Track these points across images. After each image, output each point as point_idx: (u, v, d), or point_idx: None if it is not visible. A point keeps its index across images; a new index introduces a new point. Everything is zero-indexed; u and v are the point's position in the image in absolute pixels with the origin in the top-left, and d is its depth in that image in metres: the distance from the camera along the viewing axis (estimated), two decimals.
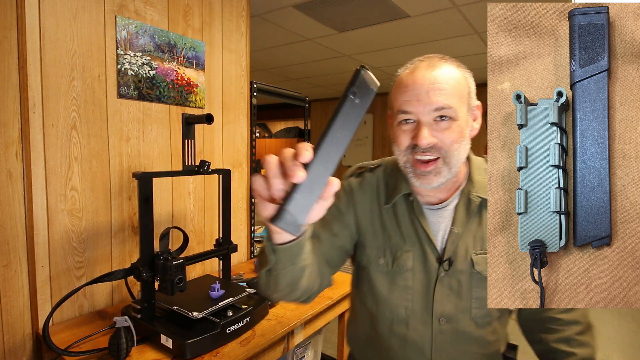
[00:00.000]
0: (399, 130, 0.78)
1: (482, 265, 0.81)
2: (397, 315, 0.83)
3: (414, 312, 0.82)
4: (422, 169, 0.76)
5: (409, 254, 0.83)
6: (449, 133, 0.75)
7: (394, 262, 0.83)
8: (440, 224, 0.84)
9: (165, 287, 1.17)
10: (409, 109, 0.75)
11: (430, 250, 0.82)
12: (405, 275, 0.82)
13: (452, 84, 0.75)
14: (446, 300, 0.81)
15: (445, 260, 0.81)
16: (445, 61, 0.78)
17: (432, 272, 0.82)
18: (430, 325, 0.81)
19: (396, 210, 0.86)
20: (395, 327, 0.83)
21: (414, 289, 0.82)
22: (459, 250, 0.82)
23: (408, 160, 0.78)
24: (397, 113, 0.77)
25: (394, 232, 0.85)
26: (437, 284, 0.81)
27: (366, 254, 0.87)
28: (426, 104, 0.74)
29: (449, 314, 0.81)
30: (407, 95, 0.75)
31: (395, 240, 0.84)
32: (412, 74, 0.76)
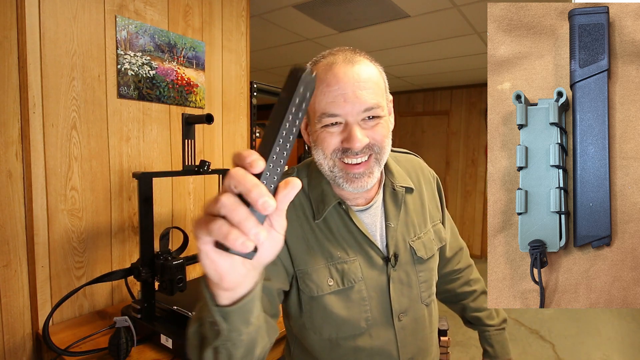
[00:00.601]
0: (324, 133, 0.71)
1: (421, 250, 0.83)
2: (359, 330, 0.77)
3: (375, 320, 0.78)
4: (355, 170, 0.71)
5: (355, 264, 0.77)
6: (379, 129, 0.71)
7: (343, 279, 0.76)
8: (375, 222, 0.82)
9: (165, 287, 1.17)
10: (337, 112, 0.68)
11: (374, 253, 0.79)
12: (359, 287, 0.77)
13: (374, 80, 0.71)
14: (401, 295, 0.80)
15: (390, 257, 0.79)
16: (360, 55, 0.73)
17: (382, 273, 0.79)
18: (392, 326, 0.79)
19: (328, 223, 0.78)
20: (359, 342, 0.78)
21: (370, 297, 0.78)
22: (399, 243, 0.81)
23: (335, 164, 0.72)
24: (322, 117, 0.69)
25: (334, 247, 0.77)
26: (390, 283, 0.79)
27: (312, 282, 0.75)
28: (355, 104, 0.68)
29: (406, 308, 0.81)
30: (332, 96, 0.68)
31: (337, 255, 0.77)
32: (332, 71, 0.69)
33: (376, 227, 0.81)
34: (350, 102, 0.68)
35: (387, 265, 0.79)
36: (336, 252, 0.77)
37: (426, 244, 0.85)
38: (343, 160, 0.71)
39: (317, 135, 0.72)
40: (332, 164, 0.72)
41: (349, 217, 0.78)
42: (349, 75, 0.69)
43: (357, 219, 0.78)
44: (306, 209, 0.79)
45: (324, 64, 0.72)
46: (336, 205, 0.78)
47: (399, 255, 0.81)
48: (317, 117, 0.70)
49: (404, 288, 0.81)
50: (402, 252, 0.81)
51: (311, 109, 0.73)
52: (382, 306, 0.79)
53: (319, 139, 0.72)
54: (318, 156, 0.73)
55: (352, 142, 0.68)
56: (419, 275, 0.83)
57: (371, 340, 0.78)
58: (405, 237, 0.82)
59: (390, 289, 0.79)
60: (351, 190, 0.74)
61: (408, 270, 0.82)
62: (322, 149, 0.72)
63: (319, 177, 0.79)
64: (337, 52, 0.73)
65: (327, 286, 0.75)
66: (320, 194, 0.79)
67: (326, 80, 0.69)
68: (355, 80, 0.69)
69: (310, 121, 0.74)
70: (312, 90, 0.37)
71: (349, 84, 0.68)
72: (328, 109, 0.69)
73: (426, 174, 0.92)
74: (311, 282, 0.76)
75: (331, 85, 0.68)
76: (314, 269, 0.76)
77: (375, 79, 0.72)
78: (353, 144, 0.68)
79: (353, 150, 0.69)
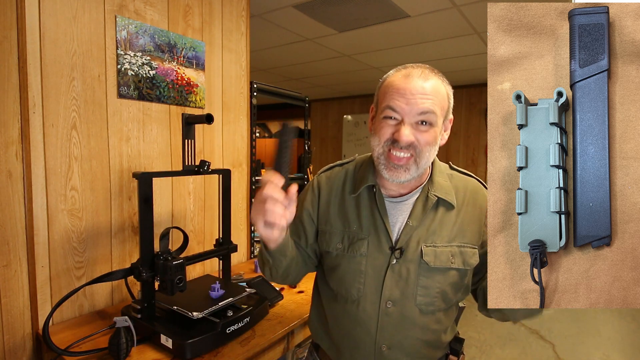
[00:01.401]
0: (383, 123, 0.85)
1: (430, 256, 0.88)
2: (350, 296, 0.91)
3: (365, 295, 0.89)
4: (396, 162, 0.84)
5: (364, 242, 0.91)
6: (425, 135, 0.84)
7: (350, 247, 0.92)
8: (399, 216, 0.92)
9: (165, 287, 1.17)
10: (397, 108, 0.83)
11: (385, 239, 0.90)
12: (359, 260, 0.90)
13: (438, 96, 0.85)
14: (394, 285, 0.88)
15: (397, 249, 0.89)
16: (435, 74, 0.87)
17: (384, 259, 0.89)
18: (378, 307, 0.89)
19: (359, 201, 0.94)
20: (348, 306, 0.92)
21: (367, 273, 0.90)
22: (411, 242, 0.89)
23: (384, 152, 0.86)
24: (385, 108, 0.85)
25: (354, 221, 0.93)
26: (387, 271, 0.89)
27: (326, 240, 0.96)
28: (413, 107, 0.82)
29: (396, 298, 0.88)
30: (398, 96, 0.83)
31: (353, 228, 0.93)
32: (406, 79, 0.84)
33: (397, 220, 0.92)
34: (410, 105, 0.82)
35: (392, 255, 0.89)
36: (353, 225, 0.93)
37: (438, 255, 0.89)
38: (390, 151, 0.85)
39: (377, 124, 0.87)
40: (382, 151, 0.86)
41: (376, 202, 0.92)
42: (417, 86, 0.83)
43: (382, 207, 0.91)
44: (348, 184, 0.98)
45: (403, 73, 0.86)
46: (370, 188, 0.94)
47: (406, 252, 0.89)
48: (382, 107, 0.86)
49: (400, 281, 0.88)
50: (411, 251, 0.89)
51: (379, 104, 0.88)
52: (375, 286, 0.89)
53: (377, 127, 0.87)
54: (374, 142, 0.88)
55: (400, 136, 0.82)
56: (420, 279, 0.88)
57: (357, 311, 0.91)
58: (420, 240, 0.89)
59: (386, 275, 0.89)
60: (387, 177, 0.86)
61: (410, 268, 0.88)
62: (378, 136, 0.86)
63: (369, 164, 0.96)
64: (417, 67, 0.87)
65: (334, 247, 0.94)
66: (362, 176, 0.96)
67: (398, 85, 0.84)
68: (422, 92, 0.83)
69: (376, 114, 0.90)
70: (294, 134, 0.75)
71: (415, 93, 0.83)
72: (391, 103, 0.84)
73: (479, 199, 0.96)
74: (324, 239, 0.97)
75: (400, 90, 0.84)
76: (331, 231, 0.96)
77: (439, 95, 0.85)
78: (400, 138, 0.82)
79: (399, 144, 0.83)
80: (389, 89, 0.86)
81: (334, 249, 0.94)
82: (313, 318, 1.07)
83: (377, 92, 0.91)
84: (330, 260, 0.95)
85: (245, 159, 2.02)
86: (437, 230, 0.90)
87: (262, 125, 7.65)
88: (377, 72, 4.39)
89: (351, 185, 0.97)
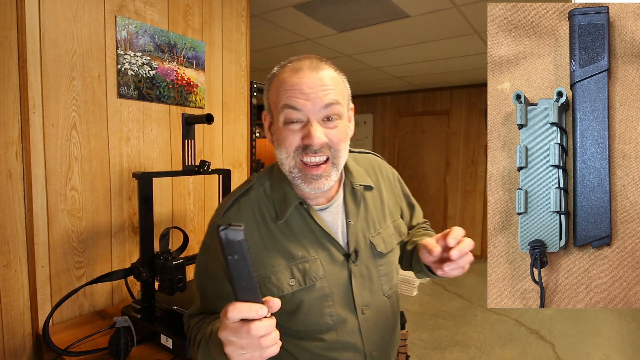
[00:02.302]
0: (287, 130, 0.74)
1: (381, 245, 0.86)
2: (325, 326, 0.80)
3: (339, 316, 0.81)
4: (314, 172, 0.74)
5: (317, 262, 0.80)
6: (337, 132, 0.75)
7: (305, 278, 0.79)
8: (337, 221, 0.85)
9: (165, 287, 1.17)
10: (298, 106, 0.72)
11: (335, 250, 0.82)
12: (320, 285, 0.79)
13: (337, 85, 0.76)
14: (362, 289, 0.84)
15: (351, 253, 0.83)
16: (325, 63, 0.78)
17: (343, 269, 0.82)
18: (357, 319, 0.83)
19: (290, 224, 0.81)
20: (326, 337, 0.81)
21: (333, 293, 0.80)
22: (359, 239, 0.85)
23: (296, 164, 0.75)
24: (283, 109, 0.74)
25: (295, 248, 0.80)
26: (352, 279, 0.82)
27: (272, 284, 0.78)
28: (316, 102, 0.72)
29: (368, 301, 0.84)
30: (295, 93, 0.73)
31: (298, 256, 0.79)
32: (297, 74, 0.74)
33: (337, 225, 0.84)
34: (311, 100, 0.72)
35: (348, 261, 0.82)
36: (297, 252, 0.79)
37: (386, 239, 0.88)
38: (302, 160, 0.74)
39: (280, 133, 0.76)
40: (293, 164, 0.75)
41: (310, 216, 0.81)
42: (312, 78, 0.73)
43: (318, 218, 0.81)
44: (267, 211, 0.82)
45: (290, 68, 0.76)
46: (298, 206, 0.81)
47: (360, 251, 0.84)
48: (279, 109, 0.74)
49: (365, 282, 0.84)
50: (363, 248, 0.85)
51: (274, 107, 0.76)
52: (346, 301, 0.82)
53: (281, 137, 0.75)
54: (281, 155, 0.77)
55: (311, 138, 0.72)
56: (379, 269, 0.87)
57: (337, 335, 0.81)
58: (365, 233, 0.86)
59: (352, 284, 0.82)
60: (309, 191, 0.77)
61: (369, 264, 0.85)
62: (284, 147, 0.75)
63: (281, 179, 0.82)
64: (304, 58, 0.77)
65: (288, 286, 0.78)
66: (282, 196, 0.81)
67: (290, 81, 0.74)
68: (318, 83, 0.73)
69: (274, 119, 0.78)
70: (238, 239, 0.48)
71: (312, 86, 0.73)
72: (290, 102, 0.73)
73: (385, 172, 0.96)
74: (271, 285, 0.78)
75: (295, 85, 0.73)
76: (274, 272, 0.78)
77: (337, 84, 0.76)
78: (312, 140, 0.72)
79: (312, 148, 0.73)
80: (281, 88, 0.74)
81: (288, 289, 0.78)
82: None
83: (267, 95, 0.80)
84: (286, 303, 0.78)
85: (245, 159, 2.02)
86: (373, 217, 0.88)
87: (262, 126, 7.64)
88: (377, 72, 4.39)
89: (272, 210, 0.81)
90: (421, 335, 3.04)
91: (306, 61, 0.76)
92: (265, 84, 0.81)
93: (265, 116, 0.83)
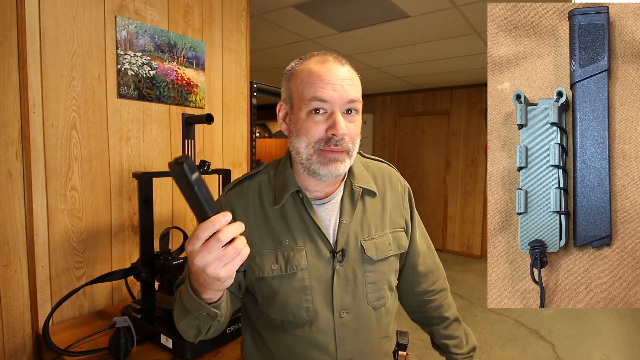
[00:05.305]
0: (310, 121, 0.75)
1: (372, 250, 0.85)
2: (300, 319, 0.80)
3: (316, 312, 0.80)
4: (331, 155, 0.76)
5: (302, 254, 0.81)
6: (354, 127, 0.78)
7: (287, 265, 0.80)
8: (331, 217, 0.85)
9: (165, 287, 1.17)
10: (326, 98, 0.74)
11: (323, 245, 0.82)
12: (301, 276, 0.80)
13: (357, 82, 0.79)
14: (344, 291, 0.82)
15: (338, 251, 0.82)
16: (346, 60, 0.81)
17: (328, 265, 0.82)
18: (333, 321, 0.81)
19: (285, 211, 0.83)
20: (299, 331, 0.81)
21: (312, 287, 0.80)
22: (350, 240, 0.84)
23: (315, 152, 0.76)
24: (311, 100, 0.75)
25: (284, 235, 0.82)
26: (334, 277, 0.81)
27: (256, 264, 0.81)
28: (342, 94, 0.75)
29: (348, 305, 0.82)
30: (324, 84, 0.74)
31: (285, 243, 0.81)
32: (324, 66, 0.76)
33: (330, 222, 0.85)
34: (338, 92, 0.74)
35: (334, 259, 0.82)
36: (285, 239, 0.82)
37: (379, 246, 0.86)
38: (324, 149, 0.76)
39: (302, 124, 0.76)
40: (312, 152, 0.76)
41: (304, 207, 0.82)
42: (339, 72, 0.76)
43: (312, 210, 0.82)
44: (265, 196, 0.85)
45: (316, 60, 0.78)
46: (295, 195, 0.83)
47: (348, 252, 0.83)
48: (306, 101, 0.75)
49: (348, 285, 0.83)
50: (352, 250, 0.83)
51: (298, 97, 0.77)
52: (325, 299, 0.81)
53: (303, 128, 0.76)
54: (300, 144, 0.77)
55: (337, 128, 0.74)
56: (367, 275, 0.84)
57: (310, 332, 0.81)
58: (357, 235, 0.85)
59: (334, 283, 0.81)
60: (324, 173, 0.77)
61: (355, 268, 0.83)
62: (306, 137, 0.76)
63: (285, 168, 0.85)
64: (327, 53, 0.80)
65: (270, 269, 0.80)
66: (282, 182, 0.84)
67: (319, 72, 0.76)
68: (344, 77, 0.76)
69: (295, 109, 0.79)
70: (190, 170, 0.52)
71: (339, 78, 0.75)
72: (319, 94, 0.74)
73: (394, 183, 0.95)
74: (255, 265, 0.81)
75: (323, 76, 0.75)
76: (259, 252, 0.81)
77: (357, 81, 0.80)
78: (338, 130, 0.73)
79: (335, 139, 0.74)
80: (308, 78, 0.76)
81: (269, 272, 0.80)
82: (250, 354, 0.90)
83: (288, 85, 0.81)
84: (266, 287, 0.81)
85: (245, 159, 2.02)
86: (369, 221, 0.87)
87: (262, 125, 7.65)
88: (377, 72, 4.39)
89: (271, 196, 0.84)
90: (421, 335, 3.04)
91: (330, 55, 0.79)
92: (285, 75, 0.82)
93: (280, 106, 0.84)
